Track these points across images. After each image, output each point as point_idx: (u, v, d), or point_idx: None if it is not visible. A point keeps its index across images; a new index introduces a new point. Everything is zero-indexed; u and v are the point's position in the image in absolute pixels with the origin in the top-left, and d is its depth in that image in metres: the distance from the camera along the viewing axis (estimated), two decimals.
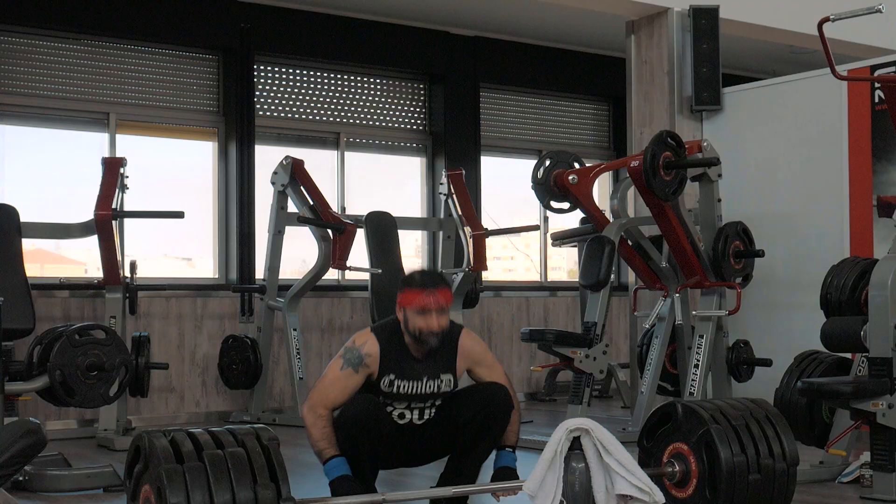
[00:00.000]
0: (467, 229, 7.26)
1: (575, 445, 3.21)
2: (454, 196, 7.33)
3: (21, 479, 4.41)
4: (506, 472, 3.78)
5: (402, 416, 3.77)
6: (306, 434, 3.68)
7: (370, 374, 3.70)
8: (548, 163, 5.74)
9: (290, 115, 7.94)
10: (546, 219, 8.90)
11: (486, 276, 7.85)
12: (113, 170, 6.11)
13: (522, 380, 8.54)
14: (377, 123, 8.33)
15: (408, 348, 3.74)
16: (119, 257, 6.09)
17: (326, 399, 3.66)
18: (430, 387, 3.73)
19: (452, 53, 8.52)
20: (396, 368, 3.71)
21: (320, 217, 6.73)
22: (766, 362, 5.78)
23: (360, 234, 6.99)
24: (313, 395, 3.70)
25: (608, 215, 5.84)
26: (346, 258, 6.65)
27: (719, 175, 5.75)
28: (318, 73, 8.04)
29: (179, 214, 6.17)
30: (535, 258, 9.24)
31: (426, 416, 3.79)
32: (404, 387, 3.71)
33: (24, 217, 6.05)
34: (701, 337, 5.70)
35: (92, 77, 7.21)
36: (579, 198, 5.65)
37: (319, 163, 7.87)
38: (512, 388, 3.82)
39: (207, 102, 7.65)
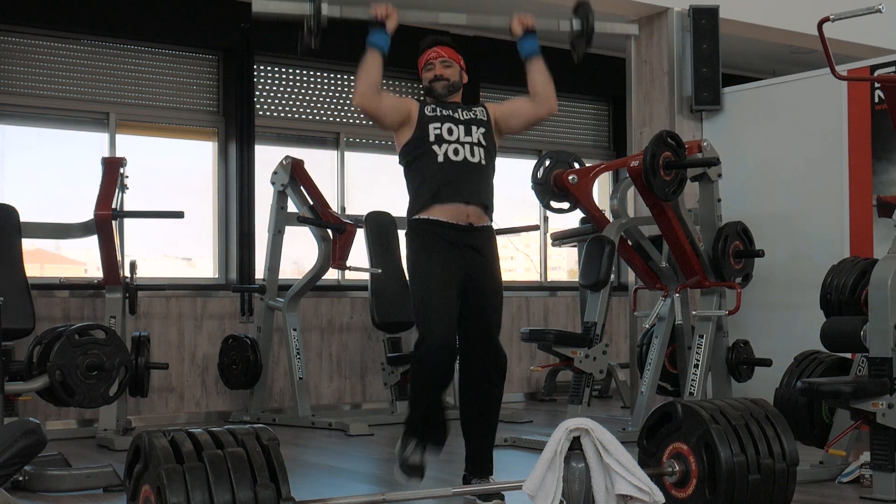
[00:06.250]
0: None
1: (575, 445, 3.21)
2: None
3: (21, 479, 4.40)
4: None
5: (455, 151, 4.09)
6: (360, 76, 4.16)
7: (409, 110, 4.13)
8: (548, 163, 5.75)
9: (289, 115, 7.93)
10: (546, 219, 8.89)
11: None
12: (113, 170, 6.11)
13: (522, 380, 8.54)
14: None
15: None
16: (119, 257, 6.09)
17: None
18: (465, 114, 4.18)
19: None
20: (434, 103, 4.21)
21: (320, 217, 6.74)
22: (766, 362, 5.78)
23: (360, 234, 6.99)
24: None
25: (608, 215, 5.84)
26: (346, 258, 6.66)
27: (719, 175, 5.75)
28: (318, 73, 8.04)
29: (179, 214, 6.17)
30: (535, 258, 9.24)
31: (477, 156, 4.12)
32: (443, 109, 4.16)
33: (24, 217, 6.06)
34: (701, 337, 5.70)
35: (92, 77, 7.21)
36: (579, 198, 5.65)
37: (319, 163, 7.87)
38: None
39: (207, 102, 7.65)
